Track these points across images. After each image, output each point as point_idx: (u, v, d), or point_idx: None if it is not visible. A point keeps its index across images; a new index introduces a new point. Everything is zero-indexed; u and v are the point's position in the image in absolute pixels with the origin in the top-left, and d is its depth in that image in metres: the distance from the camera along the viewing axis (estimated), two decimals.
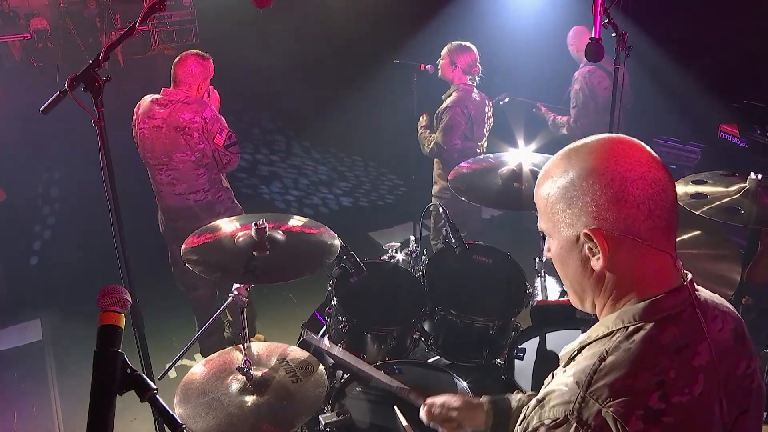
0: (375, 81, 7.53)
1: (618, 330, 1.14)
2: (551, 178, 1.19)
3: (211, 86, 3.86)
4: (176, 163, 3.70)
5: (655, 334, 1.11)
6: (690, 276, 1.19)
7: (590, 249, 1.15)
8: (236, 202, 4.07)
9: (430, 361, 2.77)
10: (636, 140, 1.17)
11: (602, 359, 1.10)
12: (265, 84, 3.91)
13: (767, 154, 4.66)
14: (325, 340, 2.63)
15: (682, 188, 2.77)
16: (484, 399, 1.76)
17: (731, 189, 2.71)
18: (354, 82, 8.36)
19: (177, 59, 3.70)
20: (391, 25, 8.43)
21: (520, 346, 2.68)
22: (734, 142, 5.16)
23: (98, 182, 2.19)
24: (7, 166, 7.29)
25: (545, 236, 1.27)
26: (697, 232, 2.75)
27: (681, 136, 5.58)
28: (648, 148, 1.17)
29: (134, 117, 3.75)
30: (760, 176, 2.67)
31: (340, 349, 2.44)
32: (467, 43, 4.46)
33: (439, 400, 1.84)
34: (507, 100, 5.19)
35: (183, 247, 2.47)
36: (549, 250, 1.27)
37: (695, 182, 2.82)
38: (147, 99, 3.73)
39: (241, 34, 3.72)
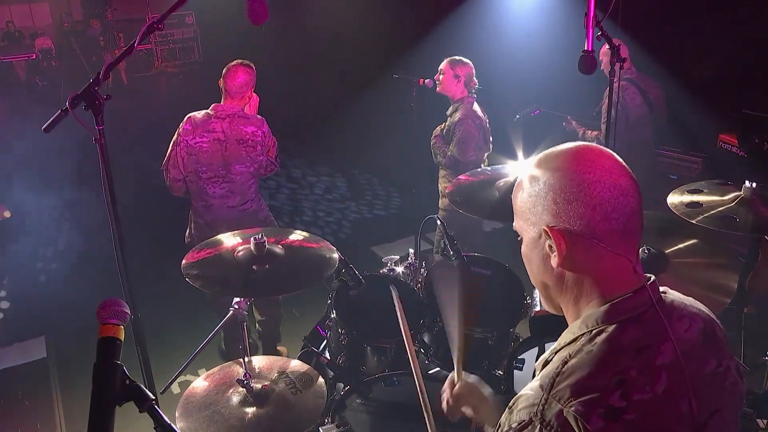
0: (374, 96, 7.59)
1: (582, 335, 1.18)
2: (525, 179, 1.25)
3: None
4: (234, 175, 3.81)
5: (616, 335, 1.14)
6: (653, 278, 1.22)
7: (549, 246, 1.20)
8: None
9: (430, 372, 2.79)
10: (607, 150, 1.22)
11: (565, 362, 1.14)
12: (265, 99, 3.97)
13: (766, 163, 4.67)
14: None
15: (678, 197, 2.79)
16: (498, 397, 1.75)
17: (727, 197, 2.73)
18: (353, 96, 8.43)
19: (225, 72, 3.77)
20: (389, 41, 8.50)
21: (519, 357, 2.69)
22: (734, 152, 5.18)
23: (101, 199, 2.21)
24: (11, 185, 7.35)
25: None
26: (694, 241, 2.76)
27: (681, 147, 5.60)
28: (617, 157, 1.21)
29: (182, 134, 3.73)
30: (755, 184, 2.68)
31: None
32: (465, 58, 4.53)
33: (472, 382, 1.81)
34: (537, 112, 5.22)
35: (183, 261, 2.50)
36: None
37: (691, 191, 2.84)
38: (197, 114, 3.77)
39: (243, 51, 3.79)
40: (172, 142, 3.78)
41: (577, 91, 5.30)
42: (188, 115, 3.79)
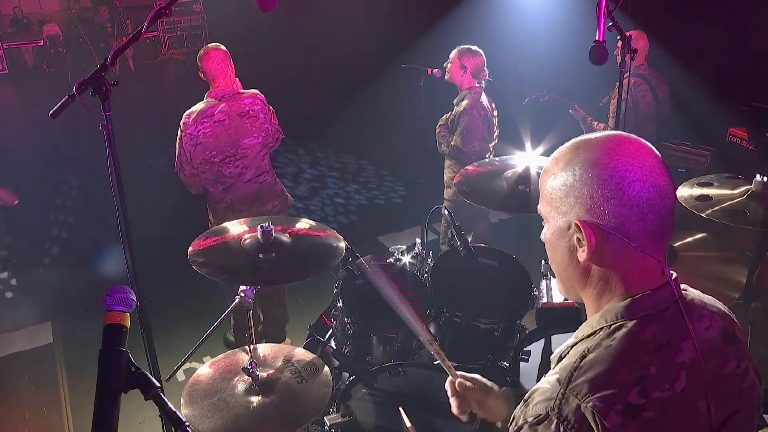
0: (382, 85, 7.56)
1: (601, 329, 1.16)
2: (557, 165, 1.20)
3: None
4: (244, 149, 3.82)
5: (635, 331, 1.12)
6: (675, 275, 1.19)
7: (578, 240, 1.16)
8: None
9: (435, 363, 2.78)
10: (646, 142, 1.17)
11: (583, 357, 1.12)
12: (272, 88, 3.97)
13: None
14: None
15: (688, 191, 2.77)
16: (506, 390, 1.76)
17: (737, 191, 2.71)
18: (361, 86, 8.40)
19: (200, 62, 3.75)
20: (397, 29, 8.47)
21: (525, 349, 2.68)
22: (743, 146, 5.14)
23: (108, 186, 2.20)
24: (19, 171, 7.36)
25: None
26: (703, 235, 2.75)
27: (689, 140, 5.56)
28: (656, 152, 1.17)
29: (183, 129, 3.73)
30: (765, 178, 2.66)
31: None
32: (475, 47, 4.49)
33: (470, 376, 1.78)
34: (547, 97, 5.17)
35: (190, 249, 2.49)
36: (544, 235, 1.28)
37: (701, 184, 2.82)
38: (194, 109, 3.74)
39: (251, 39, 3.76)
40: (177, 142, 3.78)
41: (587, 83, 5.26)
42: (184, 113, 3.76)
